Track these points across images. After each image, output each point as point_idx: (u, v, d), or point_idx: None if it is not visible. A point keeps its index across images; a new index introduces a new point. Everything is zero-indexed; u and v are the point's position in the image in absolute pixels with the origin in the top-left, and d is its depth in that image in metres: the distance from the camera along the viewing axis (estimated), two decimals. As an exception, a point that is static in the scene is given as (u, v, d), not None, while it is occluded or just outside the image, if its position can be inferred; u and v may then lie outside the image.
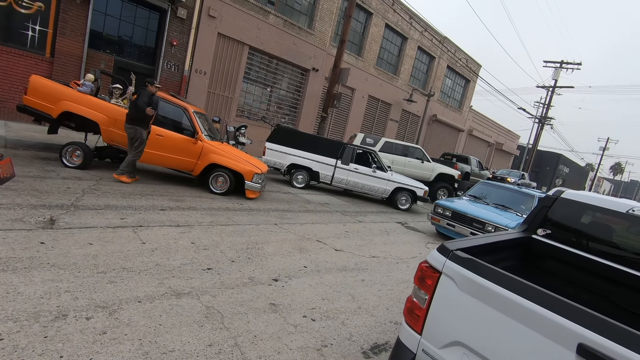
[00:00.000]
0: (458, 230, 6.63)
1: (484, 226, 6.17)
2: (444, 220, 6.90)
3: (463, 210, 6.63)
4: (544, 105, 26.64)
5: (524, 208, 6.76)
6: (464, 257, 1.68)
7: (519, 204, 6.89)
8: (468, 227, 6.45)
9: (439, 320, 1.71)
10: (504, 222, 6.03)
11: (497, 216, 6.33)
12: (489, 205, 7.03)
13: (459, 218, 6.67)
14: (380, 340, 2.90)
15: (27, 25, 8.75)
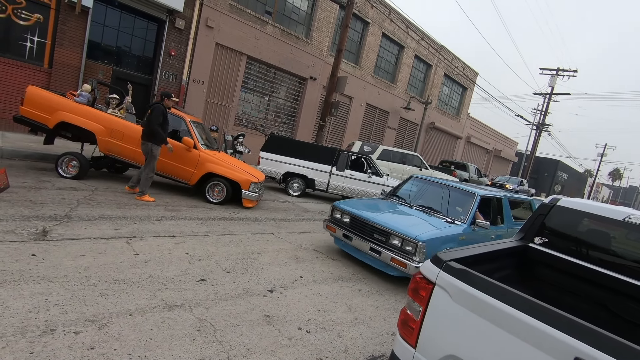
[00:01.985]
0: (356, 244, 4.55)
1: (389, 237, 4.23)
2: (340, 229, 4.80)
3: (364, 216, 4.56)
4: (541, 112, 26.78)
5: (461, 211, 4.91)
6: (458, 268, 1.65)
7: (453, 206, 5.06)
8: (368, 239, 4.44)
9: (433, 333, 1.67)
10: (413, 233, 4.04)
11: (408, 224, 4.36)
12: (412, 208, 5.09)
13: (358, 226, 4.63)
14: (377, 353, 2.84)
15: (26, 36, 8.81)
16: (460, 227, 4.56)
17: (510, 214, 5.57)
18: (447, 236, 4.28)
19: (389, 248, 4.23)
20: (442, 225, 4.49)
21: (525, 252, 2.77)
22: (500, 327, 1.44)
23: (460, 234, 4.46)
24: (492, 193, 5.32)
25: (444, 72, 21.33)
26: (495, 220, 5.30)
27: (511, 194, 5.95)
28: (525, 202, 6.32)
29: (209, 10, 11.34)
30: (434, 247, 4.04)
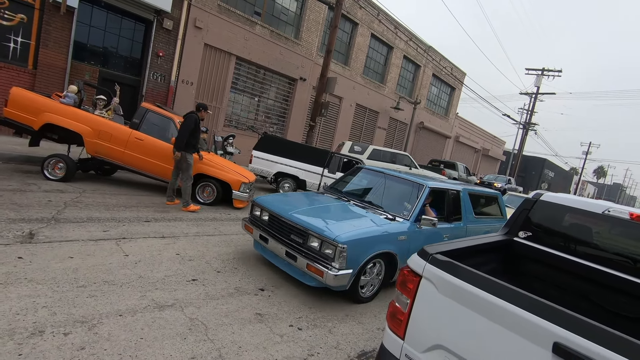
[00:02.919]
0: (272, 247, 3.74)
1: (307, 239, 3.40)
2: (257, 230, 3.92)
3: (281, 212, 3.72)
4: (527, 112, 27.28)
5: (408, 206, 4.18)
6: (443, 260, 1.70)
7: (400, 200, 4.31)
8: (284, 241, 3.61)
9: (421, 324, 1.72)
10: (332, 232, 3.25)
11: (330, 221, 3.52)
12: (349, 203, 4.29)
13: (275, 226, 3.78)
14: (368, 348, 2.88)
15: (9, 37, 8.64)
16: (401, 224, 3.85)
17: (470, 209, 4.95)
18: (380, 236, 3.52)
19: (306, 252, 3.39)
20: (377, 223, 3.68)
21: (511, 246, 2.84)
22: (484, 316, 1.49)
23: (400, 232, 3.74)
24: (446, 185, 4.65)
25: (433, 72, 21.58)
26: (450, 216, 4.63)
27: (472, 187, 5.31)
28: (491, 196, 5.70)
29: (197, 10, 11.28)
30: (360, 250, 3.31)
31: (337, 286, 3.28)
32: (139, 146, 6.22)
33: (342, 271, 3.21)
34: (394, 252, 3.69)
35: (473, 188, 5.28)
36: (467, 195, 4.96)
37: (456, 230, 4.65)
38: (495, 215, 5.65)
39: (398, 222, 3.89)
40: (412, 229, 3.93)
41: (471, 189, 5.17)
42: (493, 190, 5.78)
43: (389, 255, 3.74)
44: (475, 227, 5.01)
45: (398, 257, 3.77)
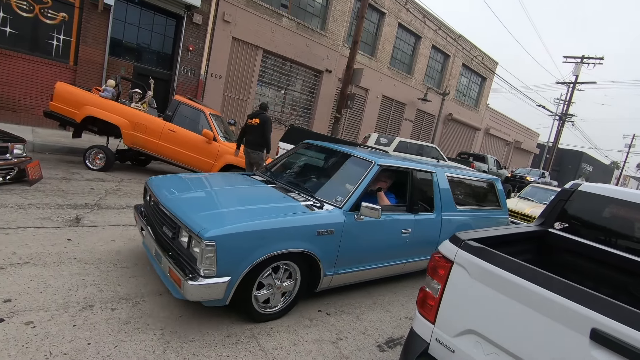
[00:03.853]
0: (147, 242, 2.90)
1: (178, 232, 2.50)
2: (141, 220, 3.06)
3: (161, 198, 2.80)
4: (564, 102, 25.92)
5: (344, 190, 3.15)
6: (476, 246, 1.69)
7: (342, 182, 3.32)
8: (157, 234, 2.78)
9: (452, 309, 1.73)
10: (199, 225, 2.30)
11: (209, 208, 2.62)
12: (269, 186, 3.34)
13: (153, 214, 2.97)
14: (395, 335, 2.91)
15: (52, 35, 9.15)
16: (327, 214, 2.83)
17: (450, 197, 3.98)
18: (283, 229, 2.51)
19: (175, 251, 2.50)
20: (287, 211, 2.69)
21: (545, 237, 2.77)
22: (517, 301, 1.48)
23: (322, 225, 2.74)
24: (409, 164, 3.64)
25: (462, 62, 20.89)
26: (415, 205, 3.58)
27: (455, 169, 4.43)
28: (486, 182, 4.73)
29: (225, 4, 11.46)
30: (243, 249, 2.33)
31: (208, 301, 2.34)
32: (171, 137, 6.48)
33: (209, 279, 2.23)
34: (311, 252, 2.67)
35: (456, 170, 4.33)
36: (444, 180, 3.98)
37: (424, 223, 3.65)
38: (491, 205, 4.69)
39: (323, 212, 2.84)
40: (346, 221, 2.89)
41: (452, 172, 4.20)
42: (488, 175, 4.85)
43: (306, 257, 2.75)
44: (460, 219, 4.08)
45: (320, 258, 2.74)
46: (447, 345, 1.72)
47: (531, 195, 8.99)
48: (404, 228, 3.46)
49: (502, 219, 4.79)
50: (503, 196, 4.89)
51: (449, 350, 1.71)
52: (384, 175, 3.78)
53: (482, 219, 4.47)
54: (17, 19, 8.62)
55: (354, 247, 3.06)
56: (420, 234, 3.65)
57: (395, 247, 3.46)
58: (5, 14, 8.46)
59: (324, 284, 2.96)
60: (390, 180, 3.88)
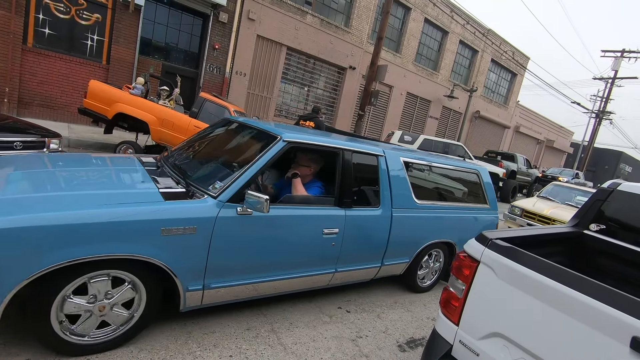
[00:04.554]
0: None
1: None
2: None
3: None
4: (601, 99, 24.55)
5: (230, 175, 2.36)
6: (504, 246, 1.61)
7: (232, 166, 2.51)
8: None
9: (477, 311, 1.66)
10: None
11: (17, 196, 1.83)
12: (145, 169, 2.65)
13: None
14: (417, 335, 2.85)
15: (87, 35, 9.56)
16: (189, 206, 2.09)
17: (406, 189, 3.16)
18: (100, 225, 1.79)
19: None
20: (116, 199, 1.96)
21: (580, 239, 2.62)
22: (550, 305, 1.39)
23: (176, 220, 2.00)
24: (334, 142, 2.76)
25: (491, 57, 20.17)
26: (348, 197, 2.75)
27: (418, 153, 3.68)
28: (463, 171, 3.83)
29: (250, 2, 11.58)
30: (24, 251, 1.63)
31: None
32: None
33: None
34: (149, 258, 1.92)
35: (419, 155, 3.49)
36: (398, 166, 3.14)
37: (360, 222, 2.82)
38: (474, 201, 3.87)
39: (184, 202, 2.10)
40: (222, 215, 2.15)
41: (413, 156, 3.37)
42: (471, 164, 4.02)
43: (146, 266, 1.99)
44: (423, 217, 3.28)
45: (171, 267, 2.01)
46: (472, 348, 1.66)
47: (553, 194, 8.08)
48: (328, 227, 2.61)
49: (488, 218, 3.94)
50: (491, 191, 4.02)
51: (474, 353, 1.65)
52: (307, 158, 2.94)
53: (460, 219, 3.63)
54: (55, 20, 9.06)
55: (238, 252, 2.24)
56: (356, 236, 2.81)
57: (313, 252, 2.58)
58: (44, 16, 8.90)
59: (190, 301, 2.17)
60: (316, 165, 2.98)
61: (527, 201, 7.72)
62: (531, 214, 6.97)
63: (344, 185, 2.74)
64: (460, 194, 3.84)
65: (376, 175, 3.00)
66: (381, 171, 3.03)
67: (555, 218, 6.48)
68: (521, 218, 7.17)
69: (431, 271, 3.77)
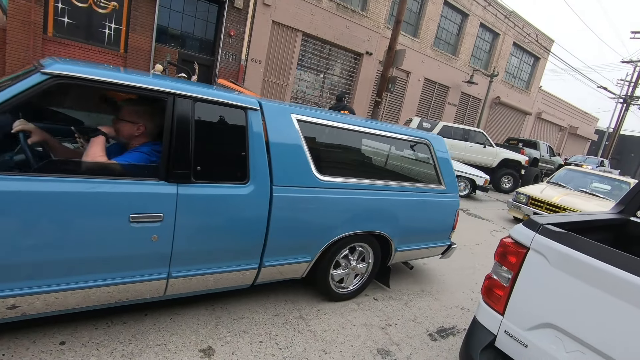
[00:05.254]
0: None
1: None
2: None
3: None
4: (629, 83, 23.43)
5: None
6: (558, 232, 1.50)
7: None
8: None
9: (526, 300, 1.56)
10: None
11: None
12: None
13: None
14: (447, 325, 2.77)
15: (105, 24, 9.58)
16: None
17: (300, 159, 2.28)
18: None
19: None
20: None
21: (625, 226, 2.46)
22: (614, 296, 1.29)
23: None
24: (164, 84, 1.87)
25: (513, 40, 19.40)
26: (180, 166, 1.87)
27: (321, 112, 2.63)
28: (405, 140, 2.93)
29: (265, -13, 11.38)
30: None
31: None
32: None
33: None
34: None
35: (330, 115, 2.53)
36: (287, 125, 2.27)
37: (207, 202, 1.95)
38: (421, 180, 3.01)
39: None
40: None
41: (316, 115, 2.44)
42: (417, 131, 3.02)
43: None
44: (332, 198, 2.38)
45: None
46: (519, 339, 1.56)
47: (565, 180, 7.30)
48: (141, 211, 1.76)
49: (444, 203, 3.05)
50: (447, 167, 3.11)
51: (521, 344, 1.55)
52: (131, 110, 2.02)
53: (398, 203, 2.74)
54: (74, 9, 9.09)
55: None
56: (202, 225, 1.95)
57: (113, 249, 1.72)
58: (63, 5, 8.95)
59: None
60: (146, 122, 2.04)
61: (534, 187, 6.99)
62: (538, 201, 6.35)
63: (178, 148, 1.85)
64: (400, 170, 3.02)
65: (243, 136, 2.07)
66: (251, 131, 2.08)
67: (566, 207, 5.91)
68: (527, 206, 6.51)
69: (355, 272, 2.78)
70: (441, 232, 3.15)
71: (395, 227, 2.77)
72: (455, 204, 3.14)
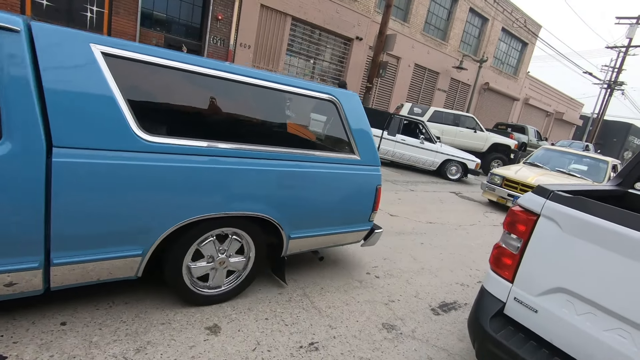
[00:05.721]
0: None
1: None
2: None
3: None
4: (613, 69, 23.82)
5: None
6: (570, 197, 1.50)
7: None
8: None
9: (536, 266, 1.56)
10: None
11: None
12: None
13: None
14: (448, 300, 2.79)
15: (86, 6, 9.20)
16: None
17: (109, 107, 1.60)
18: None
19: None
20: None
21: (623, 197, 2.50)
22: (627, 257, 1.29)
23: None
24: None
25: (502, 25, 19.44)
26: None
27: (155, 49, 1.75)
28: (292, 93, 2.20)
29: (253, -31, 11.06)
30: None
31: None
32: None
33: None
34: None
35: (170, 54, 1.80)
36: (75, 56, 1.56)
37: None
38: (326, 148, 2.36)
39: None
40: None
41: (143, 50, 1.73)
42: (320, 86, 2.34)
43: None
44: (167, 167, 1.74)
45: None
46: (529, 305, 1.57)
47: (543, 161, 7.11)
48: None
49: (358, 177, 2.44)
50: (363, 133, 2.48)
51: (531, 310, 1.56)
52: None
53: (291, 175, 2.13)
54: (52, -10, 8.69)
55: None
56: None
57: None
58: (41, -14, 8.54)
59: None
60: None
61: (509, 168, 6.79)
62: (513, 182, 6.15)
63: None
64: (291, 134, 2.25)
65: None
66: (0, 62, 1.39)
67: None
68: (501, 188, 6.31)
69: (227, 268, 2.12)
70: (357, 213, 2.52)
71: (284, 208, 2.13)
72: (374, 178, 2.53)
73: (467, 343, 2.25)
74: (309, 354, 1.86)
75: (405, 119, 9.24)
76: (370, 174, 2.52)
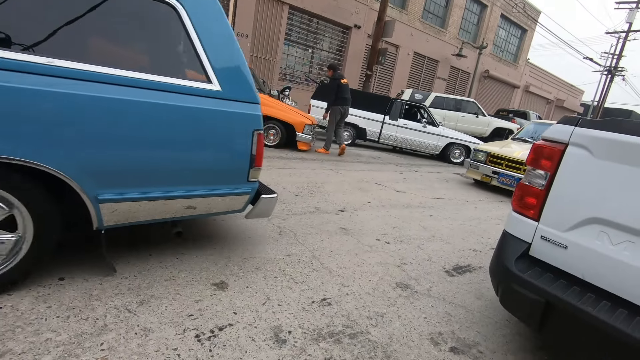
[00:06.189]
0: None
1: None
2: None
3: None
4: (613, 55, 23.63)
5: None
6: (599, 120, 1.39)
7: None
8: None
9: (565, 200, 1.46)
10: None
11: None
12: None
13: None
14: (462, 263, 2.69)
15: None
16: None
17: None
18: None
19: None
20: None
21: None
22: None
23: None
24: None
25: (501, 12, 19.25)
26: None
27: None
28: None
29: (249, -44, 10.91)
30: None
31: None
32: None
33: None
34: None
35: None
36: None
37: None
38: (161, 71, 1.59)
39: None
40: None
41: None
42: None
43: None
44: None
45: None
46: (557, 242, 1.47)
47: (532, 135, 6.61)
48: None
49: (217, 112, 1.73)
50: (226, 56, 1.78)
51: (560, 246, 1.46)
52: None
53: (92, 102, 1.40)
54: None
55: None
56: None
57: None
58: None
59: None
60: None
61: (495, 144, 6.32)
62: (498, 158, 5.63)
63: None
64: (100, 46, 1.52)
65: None
66: None
67: None
68: (485, 165, 5.75)
69: None
70: (224, 169, 1.83)
71: (77, 153, 1.41)
72: (248, 119, 1.83)
73: (485, 300, 2.15)
74: (321, 309, 1.77)
75: (407, 103, 9.11)
76: (240, 113, 1.79)
